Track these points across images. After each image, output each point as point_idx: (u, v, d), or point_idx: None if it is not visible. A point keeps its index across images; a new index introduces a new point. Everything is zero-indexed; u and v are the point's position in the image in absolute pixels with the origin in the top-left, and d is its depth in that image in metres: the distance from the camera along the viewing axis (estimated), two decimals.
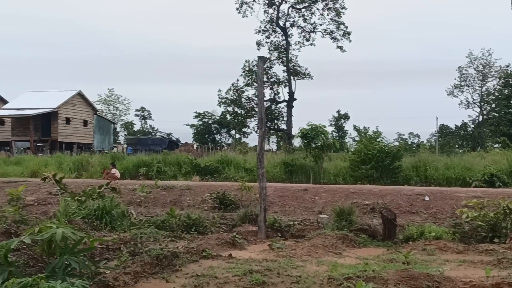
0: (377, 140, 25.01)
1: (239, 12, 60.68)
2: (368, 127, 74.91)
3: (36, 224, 11.04)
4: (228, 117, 74.88)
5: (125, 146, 67.79)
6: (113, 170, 24.39)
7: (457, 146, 78.88)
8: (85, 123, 60.74)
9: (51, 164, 29.27)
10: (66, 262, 5.64)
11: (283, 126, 63.63)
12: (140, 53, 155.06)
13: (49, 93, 59.70)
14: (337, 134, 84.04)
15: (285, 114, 62.57)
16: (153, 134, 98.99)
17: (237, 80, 64.16)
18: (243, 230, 12.52)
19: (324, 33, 60.33)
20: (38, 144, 55.17)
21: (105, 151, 49.19)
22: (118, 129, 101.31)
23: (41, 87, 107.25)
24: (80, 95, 60.27)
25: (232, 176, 24.30)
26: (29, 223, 11.51)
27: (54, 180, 13.53)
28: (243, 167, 25.92)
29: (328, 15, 59.85)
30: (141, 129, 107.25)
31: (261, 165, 12.50)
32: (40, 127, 55.31)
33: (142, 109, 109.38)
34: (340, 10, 59.02)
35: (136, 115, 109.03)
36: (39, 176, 19.72)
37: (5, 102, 60.35)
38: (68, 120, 57.40)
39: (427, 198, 15.40)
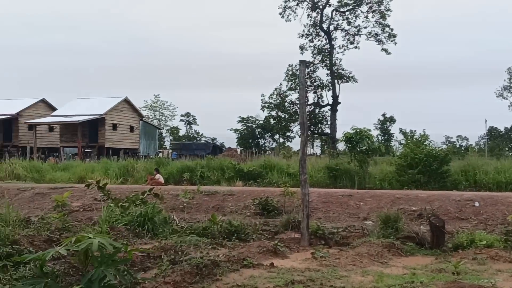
0: (424, 143, 24.43)
1: (282, 17, 60.51)
2: (415, 130, 73.47)
3: (79, 231, 11.10)
4: (272, 121, 74.62)
5: (170, 151, 68.43)
6: (157, 176, 24.52)
7: (507, 149, 76.87)
8: (131, 129, 61.51)
9: (97, 170, 29.67)
10: (102, 273, 5.54)
11: (327, 130, 63.01)
12: (185, 59, 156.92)
13: (96, 100, 60.74)
14: (382, 138, 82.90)
15: (329, 118, 61.98)
16: (198, 139, 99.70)
17: (280, 84, 63.91)
18: (286, 237, 12.28)
19: (368, 36, 59.59)
20: (86, 150, 56.14)
21: (151, 157, 49.66)
22: (163, 135, 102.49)
23: (88, 94, 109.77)
24: (126, 101, 61.08)
25: (276, 181, 24.10)
26: (71, 230, 11.56)
27: (97, 187, 13.60)
28: (287, 171, 25.73)
29: (372, 17, 59.11)
30: (186, 134, 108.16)
31: (304, 171, 12.26)
32: (87, 133, 56.27)
33: (187, 114, 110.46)
34: (385, 12, 58.20)
35: (181, 120, 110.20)
36: (86, 181, 19.98)
37: (54, 109, 61.61)
38: (115, 126, 58.22)
39: (477, 204, 14.85)
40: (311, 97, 61.19)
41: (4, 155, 43.74)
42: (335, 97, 59.85)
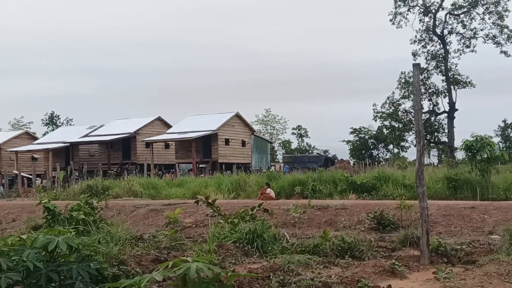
0: None
1: (393, 23, 59.05)
2: None
3: (187, 250, 10.95)
4: (385, 131, 72.80)
5: (282, 164, 68.49)
6: (268, 190, 24.30)
7: None
8: (243, 143, 62.10)
9: (211, 185, 29.94)
10: None
11: (444, 139, 60.45)
12: (294, 72, 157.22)
13: (208, 116, 62.01)
14: (503, 145, 78.53)
15: (445, 126, 59.45)
16: (310, 151, 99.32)
17: (393, 93, 62.18)
18: (404, 254, 11.45)
19: (485, 39, 56.73)
20: (200, 166, 57.31)
21: (263, 171, 49.82)
22: (275, 148, 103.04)
23: (201, 110, 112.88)
24: (238, 116, 61.84)
25: (391, 193, 23.06)
26: (180, 248, 11.42)
27: (206, 203, 13.49)
28: (402, 183, 24.61)
29: (489, 19, 56.26)
30: (298, 147, 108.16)
31: (421, 183, 11.39)
32: (201, 149, 57.41)
33: (299, 127, 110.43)
34: (503, 12, 55.19)
35: (292, 133, 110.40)
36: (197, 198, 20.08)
37: (169, 126, 63.50)
38: (227, 141, 59.03)
39: None
40: (425, 105, 59.10)
41: (123, 173, 45.54)
42: (451, 103, 57.40)
